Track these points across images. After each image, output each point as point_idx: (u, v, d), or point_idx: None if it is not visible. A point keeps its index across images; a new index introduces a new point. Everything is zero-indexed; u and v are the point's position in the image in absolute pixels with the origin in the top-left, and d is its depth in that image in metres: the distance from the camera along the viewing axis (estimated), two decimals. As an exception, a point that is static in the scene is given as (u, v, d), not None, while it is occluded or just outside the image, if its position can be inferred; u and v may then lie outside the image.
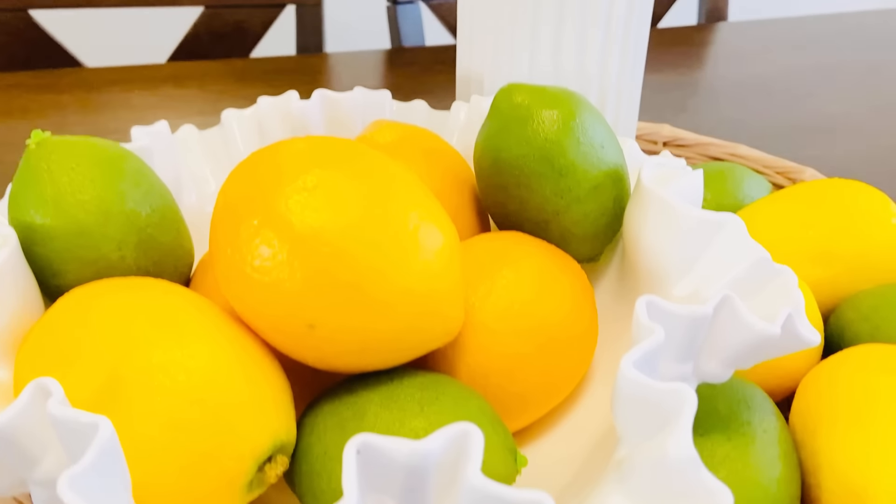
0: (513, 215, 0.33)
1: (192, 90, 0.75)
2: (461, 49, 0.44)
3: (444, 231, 0.26)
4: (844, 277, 0.37)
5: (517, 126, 0.31)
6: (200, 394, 0.23)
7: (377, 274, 0.23)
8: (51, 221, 0.27)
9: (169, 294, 0.25)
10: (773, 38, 0.92)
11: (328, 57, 0.86)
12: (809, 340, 0.25)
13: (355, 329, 0.24)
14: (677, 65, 0.84)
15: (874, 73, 0.81)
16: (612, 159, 0.32)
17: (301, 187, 0.24)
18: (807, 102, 0.73)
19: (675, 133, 0.52)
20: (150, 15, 0.89)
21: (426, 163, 0.34)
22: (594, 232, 0.32)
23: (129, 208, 0.28)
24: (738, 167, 0.45)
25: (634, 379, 0.21)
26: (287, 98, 0.38)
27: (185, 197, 0.37)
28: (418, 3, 0.95)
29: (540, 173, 0.31)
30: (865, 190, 0.38)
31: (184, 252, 0.31)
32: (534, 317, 0.28)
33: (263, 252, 0.23)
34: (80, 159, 0.28)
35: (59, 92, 0.72)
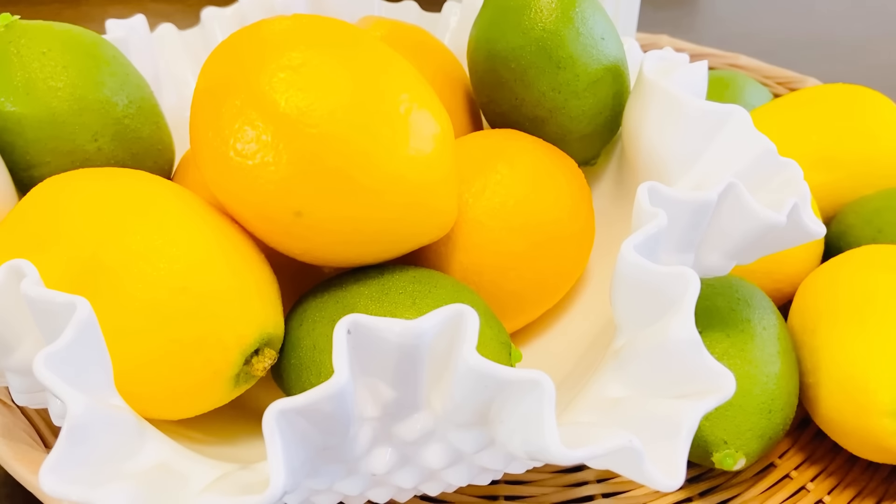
0: (508, 113, 0.31)
1: (174, 5, 0.72)
2: None
3: (438, 118, 0.24)
4: (846, 182, 0.36)
5: (513, 15, 0.30)
6: (183, 282, 0.22)
7: (367, 159, 0.22)
8: (21, 109, 0.26)
9: (150, 183, 0.24)
10: None
11: None
12: (815, 231, 0.24)
13: (344, 218, 0.23)
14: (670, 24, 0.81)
15: None
16: (613, 53, 0.30)
17: (286, 65, 0.22)
18: (805, 20, 0.71)
19: (674, 44, 0.50)
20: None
21: (417, 60, 0.33)
22: (592, 130, 0.31)
23: (105, 97, 0.27)
24: (740, 75, 0.44)
25: (636, 262, 0.20)
26: (270, -5, 0.37)
27: (164, 97, 0.36)
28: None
29: (537, 66, 0.29)
30: (869, 95, 0.37)
31: (164, 147, 0.30)
32: (529, 214, 0.27)
33: (247, 134, 0.22)
34: (51, 44, 0.26)
35: (36, 4, 0.70)
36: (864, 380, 0.25)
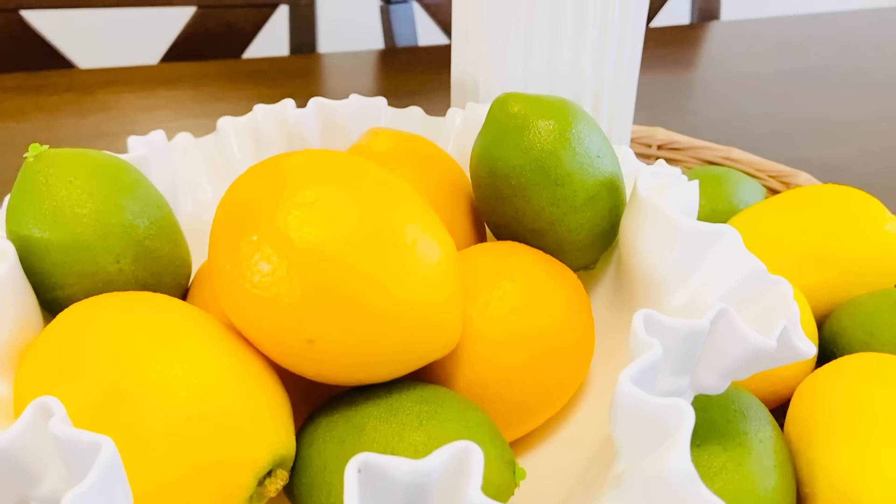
0: (509, 224, 0.33)
1: (185, 91, 0.75)
2: (456, 54, 0.44)
3: (442, 243, 0.26)
4: (839, 282, 0.37)
5: (513, 136, 0.31)
6: (200, 409, 0.23)
7: (376, 287, 0.24)
8: (49, 235, 0.27)
9: (168, 308, 0.25)
10: (765, 37, 0.92)
11: (321, 57, 0.85)
12: (805, 352, 0.25)
13: (354, 343, 0.24)
14: (670, 64, 0.84)
15: (864, 74, 0.81)
16: (608, 169, 0.32)
17: (300, 203, 0.24)
18: (798, 103, 0.73)
19: (670, 136, 0.52)
20: (143, 15, 0.89)
21: (422, 171, 0.34)
22: (590, 241, 0.33)
23: (128, 221, 0.28)
24: (733, 172, 0.45)
25: (632, 394, 0.21)
26: (283, 106, 0.38)
27: (181, 205, 0.37)
28: (411, 3, 0.95)
29: (536, 183, 0.31)
30: (858, 195, 0.39)
31: (182, 263, 0.31)
32: (531, 326, 0.28)
33: (263, 268, 0.23)
34: (78, 172, 0.28)
35: (53, 94, 0.72)
36: (858, 495, 0.25)
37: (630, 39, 0.41)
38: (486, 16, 0.40)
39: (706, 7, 1.03)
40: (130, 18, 0.90)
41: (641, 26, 0.41)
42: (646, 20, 0.42)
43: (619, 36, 0.40)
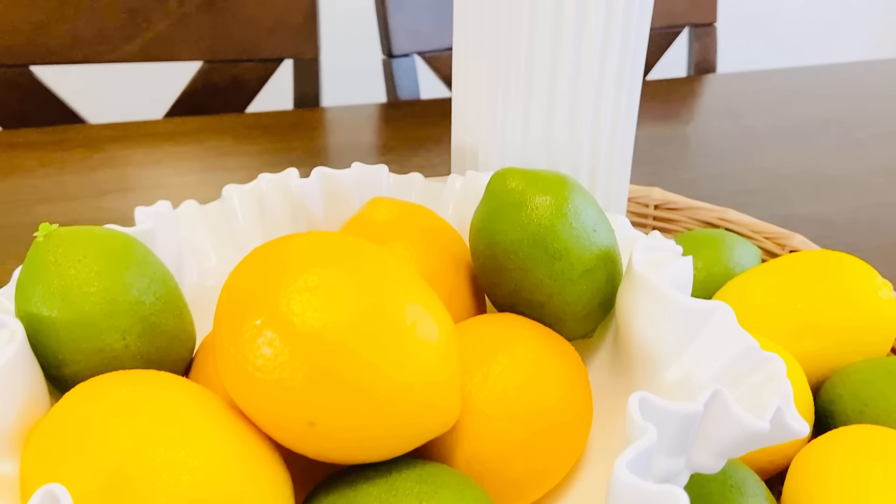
0: (508, 295, 0.33)
1: (190, 147, 0.76)
2: (456, 121, 0.45)
3: (441, 323, 0.26)
4: (833, 350, 0.37)
5: (512, 211, 0.32)
6: (203, 492, 0.23)
7: (377, 372, 0.24)
8: (58, 314, 0.28)
9: (172, 388, 0.26)
10: (762, 90, 0.94)
11: (324, 111, 0.87)
12: (799, 432, 0.25)
13: (355, 426, 0.24)
14: (668, 117, 0.85)
15: (859, 127, 0.82)
16: (604, 242, 0.33)
17: (303, 287, 0.25)
18: (794, 158, 0.75)
19: (666, 196, 0.53)
20: (151, 69, 0.91)
21: (423, 242, 0.35)
22: (588, 312, 0.33)
23: (134, 298, 0.29)
24: (728, 234, 0.46)
25: (629, 482, 0.22)
26: (287, 175, 0.39)
27: (186, 273, 0.38)
28: (413, 57, 0.96)
29: (534, 257, 0.32)
30: (851, 262, 0.39)
31: (186, 336, 0.31)
32: (529, 402, 0.29)
33: (266, 352, 0.24)
34: (86, 251, 0.29)
35: (61, 150, 0.73)
36: (855, 574, 0.25)
37: (625, 108, 0.42)
38: (484, 85, 0.41)
39: (702, 59, 1.05)
40: (138, 72, 0.92)
41: (636, 95, 0.42)
42: (640, 89, 0.43)
43: (614, 104, 0.41)
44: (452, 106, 0.45)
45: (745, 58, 1.39)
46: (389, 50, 0.94)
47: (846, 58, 1.07)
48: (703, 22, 1.05)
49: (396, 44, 0.94)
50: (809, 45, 1.67)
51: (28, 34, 0.86)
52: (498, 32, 0.40)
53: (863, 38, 1.72)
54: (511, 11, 0.39)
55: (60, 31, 0.86)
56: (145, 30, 0.88)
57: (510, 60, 0.40)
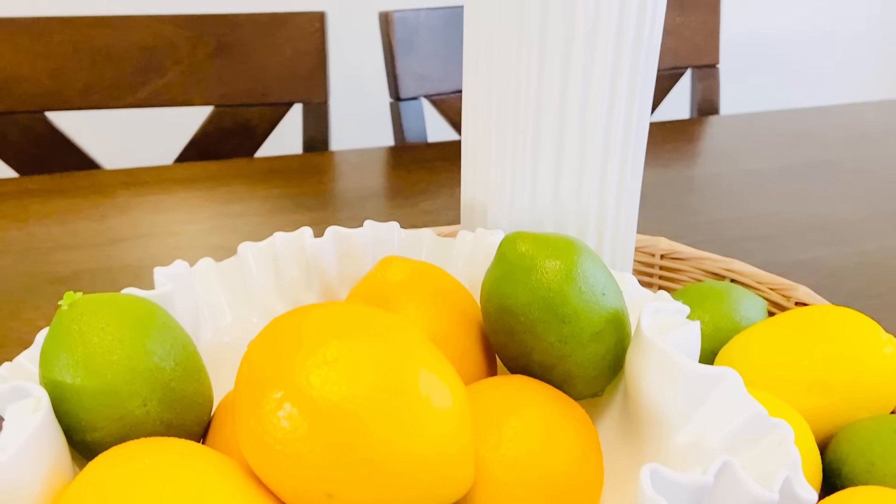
0: (518, 357, 0.34)
1: (201, 192, 0.77)
2: (465, 177, 0.46)
3: (454, 392, 0.27)
4: (840, 406, 0.38)
5: (521, 275, 0.33)
6: (224, 565, 0.24)
7: (393, 446, 0.25)
8: (81, 382, 0.29)
9: (192, 457, 0.26)
10: (764, 131, 0.95)
11: (333, 155, 0.88)
12: (807, 500, 0.26)
13: (371, 497, 0.25)
14: (672, 160, 0.86)
15: (865, 171, 0.83)
16: (613, 305, 0.33)
17: (321, 361, 0.25)
18: (797, 201, 0.75)
19: (672, 246, 0.54)
20: (163, 113, 0.93)
21: (435, 303, 0.36)
22: (597, 374, 0.34)
23: (155, 364, 0.30)
24: (734, 287, 0.47)
25: (640, 557, 0.22)
26: (301, 235, 0.40)
27: (202, 332, 0.39)
28: (420, 100, 0.98)
29: (544, 321, 0.32)
30: (856, 318, 0.40)
31: (204, 400, 0.32)
32: (542, 468, 0.29)
33: (285, 425, 0.25)
34: (109, 318, 0.30)
35: (75, 196, 0.75)
36: None
37: (632, 166, 0.43)
38: (493, 145, 0.43)
39: (706, 100, 1.07)
40: (150, 117, 0.94)
41: (642, 153, 0.43)
42: (645, 147, 0.44)
43: (620, 164, 0.42)
44: (462, 162, 0.46)
45: (748, 96, 1.41)
46: (397, 93, 0.96)
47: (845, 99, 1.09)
48: (706, 63, 1.07)
49: (404, 87, 0.96)
50: (810, 86, 1.69)
51: (44, 81, 0.87)
52: (506, 93, 0.41)
53: (861, 79, 1.74)
54: (518, 73, 0.41)
55: (75, 79, 0.88)
56: (158, 76, 0.90)
57: (518, 121, 0.41)
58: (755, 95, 1.56)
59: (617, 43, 0.40)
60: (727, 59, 1.11)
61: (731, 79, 1.22)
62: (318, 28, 0.92)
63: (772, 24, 1.61)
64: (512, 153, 0.42)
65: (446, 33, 0.98)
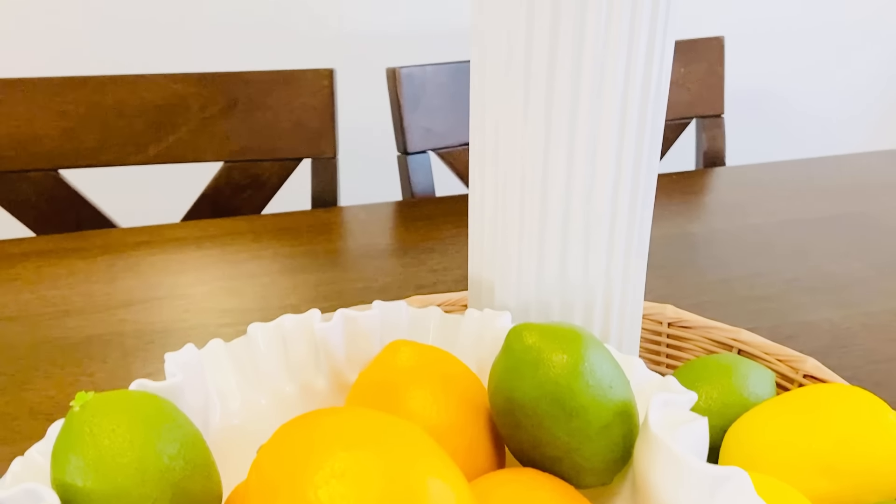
0: (527, 450, 0.34)
1: (212, 251, 0.78)
2: (472, 253, 0.46)
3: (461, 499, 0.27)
4: (850, 491, 0.38)
5: (529, 369, 0.33)
6: None
7: (401, 559, 0.25)
8: (92, 484, 0.29)
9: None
10: (768, 183, 0.95)
11: (342, 211, 0.89)
12: None
13: None
14: (677, 215, 0.87)
15: (871, 225, 0.83)
16: (621, 397, 0.34)
17: (329, 475, 0.25)
18: (802, 258, 0.75)
19: (679, 315, 0.54)
20: (174, 169, 0.94)
21: (443, 391, 0.36)
22: (605, 466, 0.34)
23: (165, 465, 0.30)
24: (742, 361, 0.47)
25: None
26: (309, 317, 0.41)
27: (211, 417, 0.39)
28: (428, 153, 0.99)
29: (552, 415, 0.33)
30: (865, 399, 0.40)
31: (212, 497, 0.32)
32: (550, 569, 0.29)
33: (294, 540, 0.25)
34: (120, 419, 0.30)
35: (87, 256, 0.76)
36: None
37: (637, 245, 0.43)
38: (499, 226, 0.43)
39: (711, 149, 1.07)
40: (162, 172, 0.95)
41: (647, 232, 0.44)
42: (650, 228, 0.44)
43: (626, 242, 0.42)
44: (469, 238, 0.46)
45: (753, 147, 1.42)
46: (405, 147, 0.97)
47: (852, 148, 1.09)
48: (711, 113, 1.08)
49: (411, 142, 0.97)
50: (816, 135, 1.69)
51: (57, 139, 0.89)
52: (513, 174, 0.42)
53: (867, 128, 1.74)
54: (524, 155, 0.41)
55: (88, 137, 0.90)
56: (170, 133, 0.92)
57: (524, 203, 0.42)
58: (760, 143, 1.57)
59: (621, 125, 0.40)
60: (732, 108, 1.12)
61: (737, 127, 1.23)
62: (326, 85, 0.93)
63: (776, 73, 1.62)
64: (518, 233, 0.42)
65: (453, 87, 0.99)
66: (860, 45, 1.66)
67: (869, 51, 1.67)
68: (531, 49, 0.39)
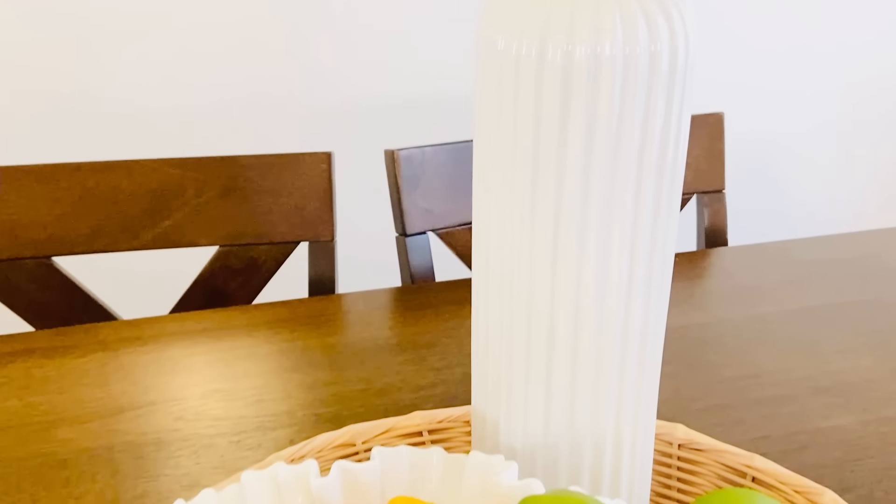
0: None
1: (206, 347, 0.76)
2: (476, 387, 0.45)
3: None
4: None
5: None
6: None
7: None
8: None
9: None
10: (776, 267, 0.94)
11: (339, 300, 0.88)
12: None
13: None
14: (681, 302, 0.85)
15: (883, 316, 0.82)
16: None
17: None
18: (812, 354, 0.74)
19: (690, 436, 0.52)
20: (169, 253, 0.93)
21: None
22: None
23: None
24: (756, 497, 0.45)
25: None
26: (306, 471, 0.39)
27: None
28: (427, 234, 0.98)
29: None
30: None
31: None
32: None
33: None
34: None
35: (79, 356, 0.74)
36: None
37: (647, 389, 0.42)
38: (505, 366, 0.41)
39: (713, 226, 1.06)
40: (156, 257, 0.94)
41: (657, 373, 0.42)
42: (660, 363, 0.43)
43: (636, 389, 0.41)
44: (472, 375, 0.45)
45: (755, 220, 1.41)
46: (404, 229, 0.96)
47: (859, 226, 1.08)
48: (713, 189, 1.07)
49: (410, 223, 0.96)
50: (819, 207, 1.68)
51: (50, 227, 0.88)
52: (519, 316, 0.41)
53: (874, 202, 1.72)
54: (532, 297, 0.40)
55: (82, 224, 0.89)
56: (165, 218, 0.91)
57: (531, 344, 0.40)
58: (763, 218, 1.57)
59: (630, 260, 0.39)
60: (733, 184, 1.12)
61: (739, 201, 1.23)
62: (324, 168, 0.93)
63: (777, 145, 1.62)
64: (524, 378, 0.41)
65: (452, 168, 0.98)
66: (865, 118, 1.67)
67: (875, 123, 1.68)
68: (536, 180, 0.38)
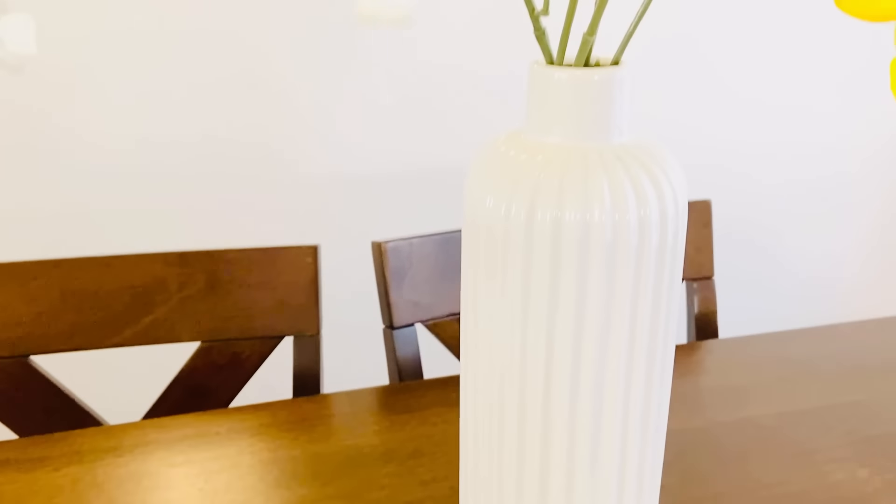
0: None
1: (184, 457, 0.74)
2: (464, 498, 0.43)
3: None
4: None
5: None
6: None
7: None
8: None
9: None
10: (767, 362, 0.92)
11: (324, 400, 0.86)
12: None
13: None
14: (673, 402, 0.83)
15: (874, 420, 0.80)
16: None
17: None
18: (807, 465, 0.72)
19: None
20: (150, 350, 0.90)
21: None
22: None
23: None
24: None
25: None
26: None
27: None
28: (415, 325, 0.96)
29: None
30: None
31: None
32: None
33: None
34: None
35: (52, 470, 0.71)
36: None
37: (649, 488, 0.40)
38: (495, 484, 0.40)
39: (703, 314, 1.05)
40: (135, 354, 0.92)
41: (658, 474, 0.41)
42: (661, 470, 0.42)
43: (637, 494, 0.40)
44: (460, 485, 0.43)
45: (748, 317, 1.41)
46: (391, 322, 0.94)
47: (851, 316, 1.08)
48: (702, 276, 1.07)
49: (397, 316, 0.94)
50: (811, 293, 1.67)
51: (28, 325, 0.86)
52: (511, 431, 0.39)
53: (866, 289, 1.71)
54: (524, 408, 0.39)
55: (61, 321, 0.86)
56: (146, 314, 0.89)
57: (524, 458, 0.39)
58: (753, 304, 1.56)
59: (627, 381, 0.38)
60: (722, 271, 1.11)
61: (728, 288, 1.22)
62: (310, 262, 0.91)
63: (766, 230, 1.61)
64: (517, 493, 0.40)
65: (439, 259, 0.97)
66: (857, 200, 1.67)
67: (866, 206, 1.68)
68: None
